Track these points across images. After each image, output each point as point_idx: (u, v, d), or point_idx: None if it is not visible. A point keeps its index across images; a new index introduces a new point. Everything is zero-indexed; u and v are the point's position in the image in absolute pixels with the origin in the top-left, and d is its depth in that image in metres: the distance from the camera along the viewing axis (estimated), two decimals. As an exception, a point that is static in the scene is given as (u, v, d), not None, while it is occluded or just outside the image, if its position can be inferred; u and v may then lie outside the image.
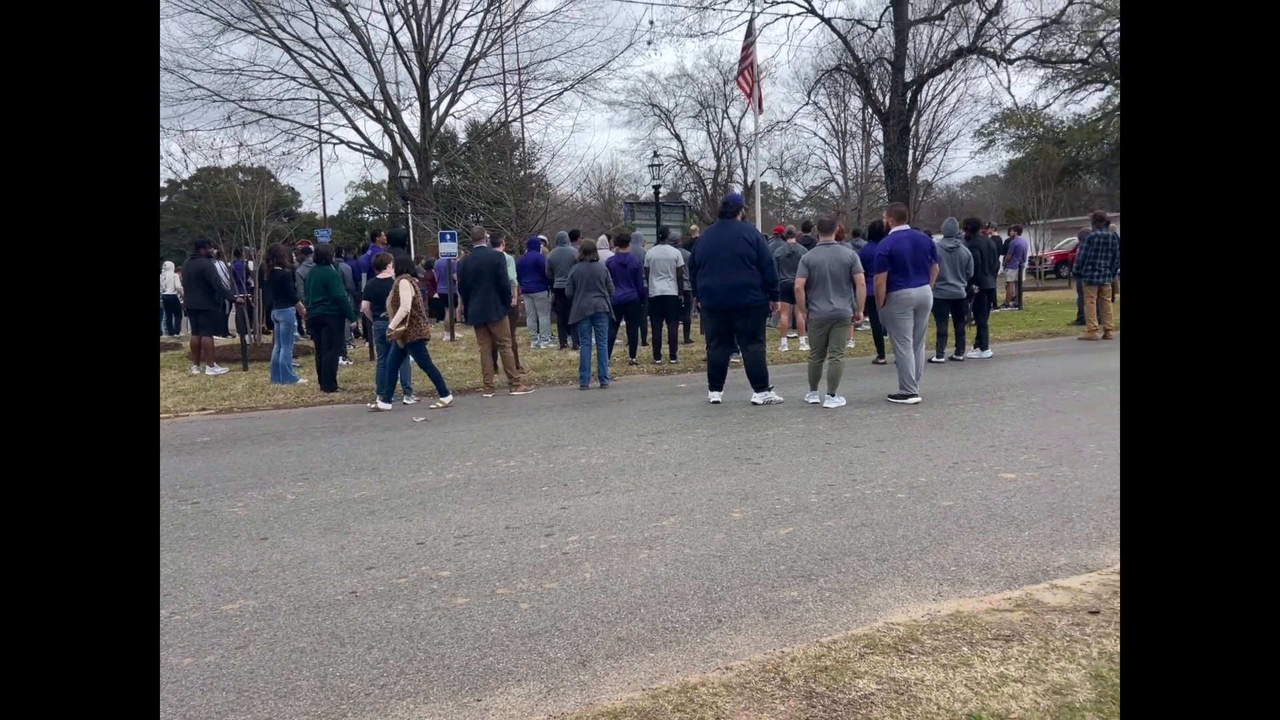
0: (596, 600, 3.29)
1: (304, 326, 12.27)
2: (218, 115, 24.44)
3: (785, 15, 23.94)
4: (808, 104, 29.93)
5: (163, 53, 23.50)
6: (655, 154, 24.26)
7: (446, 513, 4.55)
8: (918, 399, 7.36)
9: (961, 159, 79.93)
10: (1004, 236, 16.65)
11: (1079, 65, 28.27)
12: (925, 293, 7.64)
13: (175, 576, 3.74)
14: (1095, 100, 33.07)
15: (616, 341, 11.37)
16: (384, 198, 43.34)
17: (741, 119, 36.82)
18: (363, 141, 27.15)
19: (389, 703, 2.60)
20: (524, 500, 4.73)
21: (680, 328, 11.72)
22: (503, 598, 3.36)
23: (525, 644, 2.94)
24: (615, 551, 3.83)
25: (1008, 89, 31.13)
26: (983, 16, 23.21)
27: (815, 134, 38.37)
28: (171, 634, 3.14)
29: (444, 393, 8.41)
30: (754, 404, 7.56)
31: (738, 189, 38.73)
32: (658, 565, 3.64)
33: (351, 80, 25.73)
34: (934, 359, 10.05)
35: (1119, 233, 12.84)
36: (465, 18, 26.46)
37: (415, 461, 5.85)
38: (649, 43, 30.40)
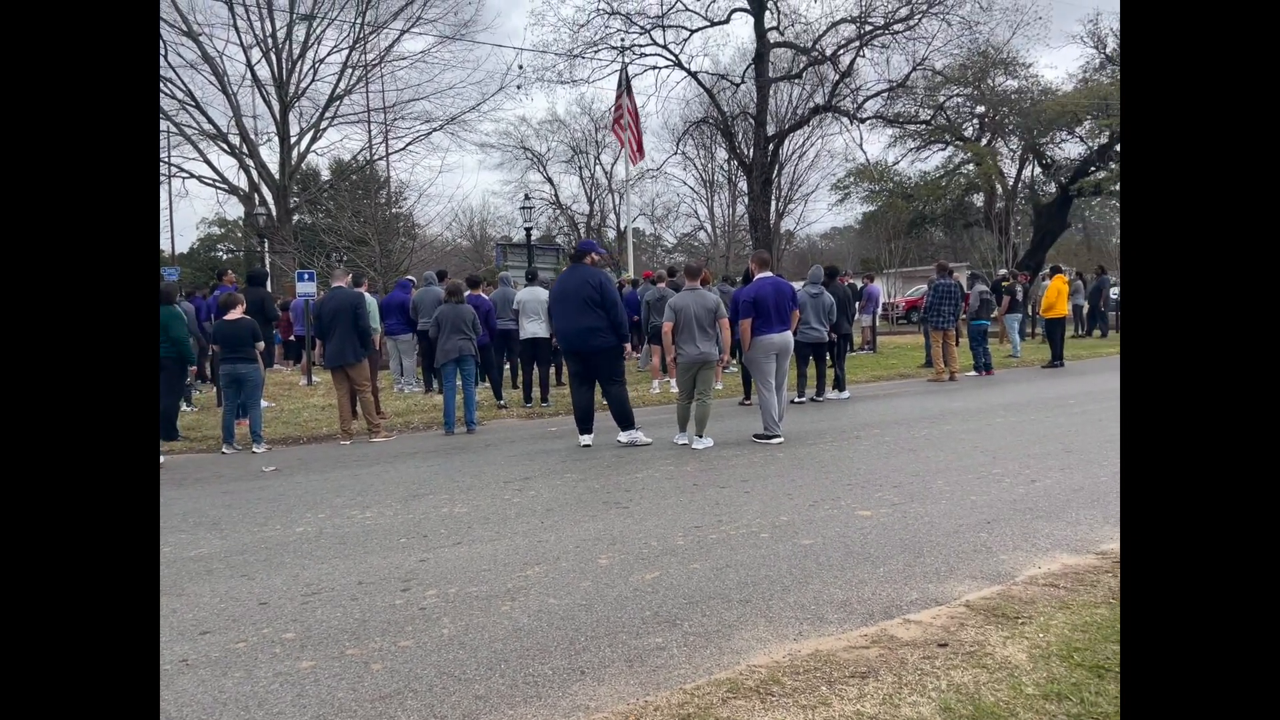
0: (455, 657, 3.14)
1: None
2: (50, 143, 22.54)
3: (654, 67, 24.68)
4: (676, 154, 30.88)
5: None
6: (527, 196, 24.32)
7: (294, 569, 4.26)
8: (780, 439, 7.56)
9: (820, 210, 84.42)
10: (859, 284, 17.58)
11: (922, 126, 30.50)
12: (787, 338, 7.91)
13: (-31, 653, 3.31)
14: (938, 159, 35.71)
15: (483, 384, 11.17)
16: (239, 235, 41.28)
17: (614, 165, 37.53)
18: (216, 176, 25.81)
19: (217, 784, 2.36)
20: (380, 553, 4.50)
21: (551, 370, 11.64)
22: (353, 659, 3.15)
23: (375, 708, 2.76)
24: (476, 604, 3.68)
25: (860, 145, 33.24)
26: (836, 78, 24.72)
27: (685, 182, 39.70)
28: (-41, 721, 2.76)
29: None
30: (619, 443, 7.56)
31: (611, 234, 39.28)
32: (520, 617, 3.52)
33: (204, 112, 24.49)
34: (796, 399, 10.43)
35: (962, 282, 13.80)
36: (329, 54, 25.79)
37: (262, 514, 5.48)
38: (518, 87, 30.53)
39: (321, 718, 2.71)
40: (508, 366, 12.60)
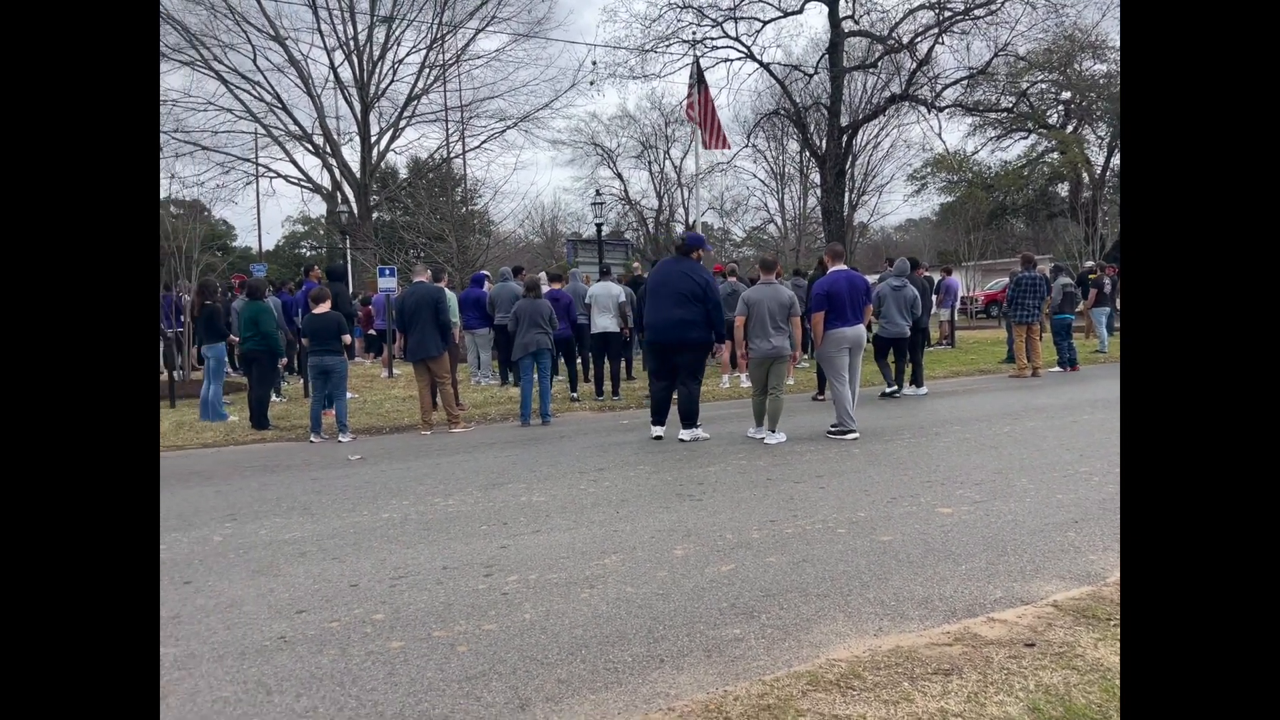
0: (536, 641, 3.22)
1: (235, 362, 11.94)
2: (149, 146, 23.75)
3: (725, 60, 24.54)
4: (747, 146, 30.63)
5: (92, 81, 22.91)
6: (598, 192, 24.50)
7: (382, 553, 4.42)
8: (856, 434, 7.47)
9: (895, 202, 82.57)
10: (936, 277, 17.17)
11: (1004, 114, 29.58)
12: (859, 332, 7.81)
13: (89, 625, 3.54)
14: (1020, 147, 34.59)
15: (558, 378, 11.33)
16: (322, 232, 42.68)
17: (683, 159, 37.45)
18: (301, 176, 26.78)
19: (317, 754, 2.48)
20: (462, 540, 4.63)
21: (622, 364, 11.74)
22: (439, 640, 3.26)
23: (462, 688, 2.85)
24: (556, 591, 3.76)
25: (938, 135, 32.37)
26: (913, 66, 24.15)
27: (755, 175, 39.27)
28: (83, 686, 2.96)
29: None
30: (681, 440, 7.55)
31: (679, 228, 39.24)
32: (599, 604, 3.58)
33: (290, 114, 25.45)
34: (887, 392, 10.27)
35: (1047, 274, 13.36)
36: (408, 54, 26.49)
37: (350, 500, 5.69)
38: (591, 83, 30.75)
39: (412, 696, 2.82)
40: (578, 360, 12.75)
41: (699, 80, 19.52)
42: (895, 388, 10.35)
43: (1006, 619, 3.28)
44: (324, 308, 8.55)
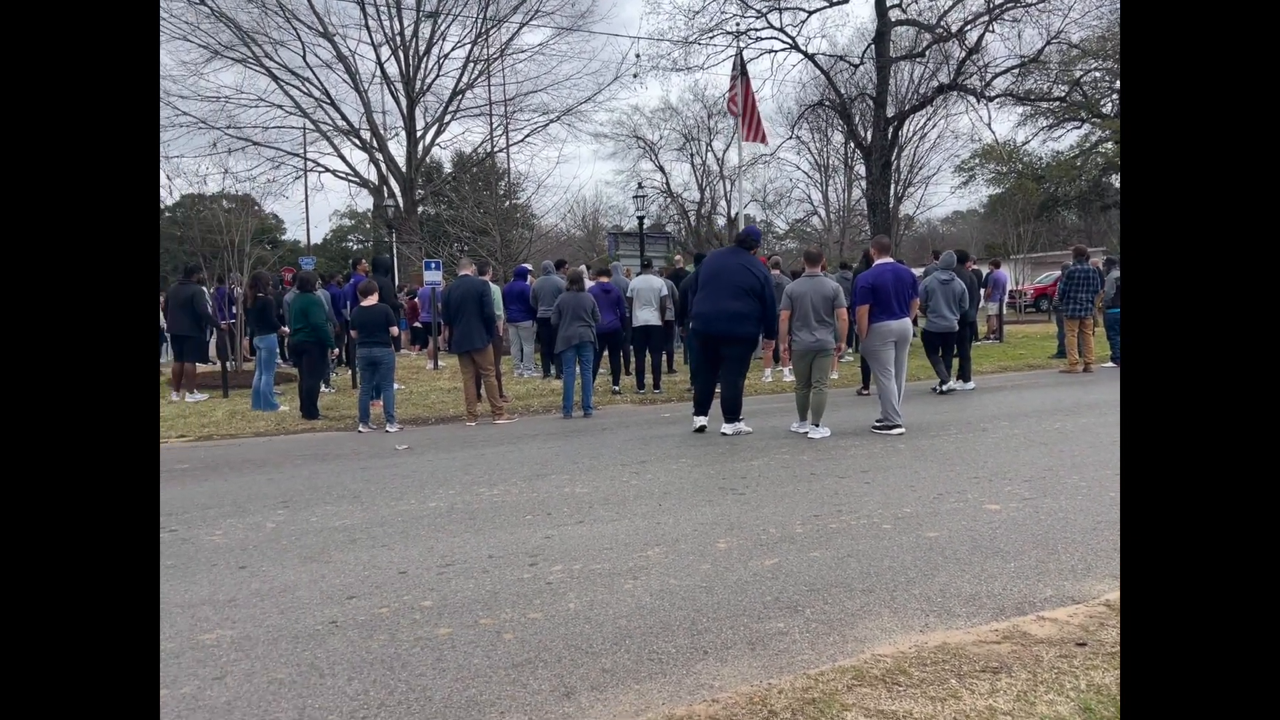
0: (581, 631, 3.25)
1: (286, 353, 12.20)
2: (203, 142, 24.38)
3: (770, 51, 24.33)
4: (791, 138, 30.32)
5: (149, 79, 23.50)
6: (640, 185, 24.49)
7: (429, 541, 4.50)
8: (901, 429, 7.38)
9: (942, 194, 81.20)
10: (984, 270, 16.86)
11: (1057, 103, 28.88)
12: (905, 325, 7.71)
13: (150, 606, 3.67)
14: (1073, 138, 33.78)
15: (600, 371, 11.37)
16: (369, 226, 43.34)
17: (725, 151, 37.26)
18: (348, 170, 27.21)
19: (369, 736, 2.54)
20: (507, 529, 4.69)
21: (664, 357, 11.74)
22: (486, 628, 3.31)
23: (509, 675, 2.90)
24: (600, 581, 3.79)
25: (988, 125, 31.67)
26: (962, 54, 23.69)
27: (798, 167, 38.83)
28: (145, 665, 3.07)
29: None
30: (723, 434, 7.53)
31: (721, 221, 39.07)
32: (643, 595, 3.60)
33: (338, 109, 25.86)
34: (940, 389, 10.08)
35: (1100, 267, 13.04)
36: (453, 49, 26.72)
37: (398, 489, 5.79)
38: (635, 76, 30.71)
39: (460, 682, 2.87)
40: (620, 353, 12.78)
41: (741, 72, 19.40)
42: (948, 385, 10.16)
43: (1057, 618, 3.23)
44: (372, 300, 8.70)
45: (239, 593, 3.81)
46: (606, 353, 10.92)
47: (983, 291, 15.52)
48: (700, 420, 7.73)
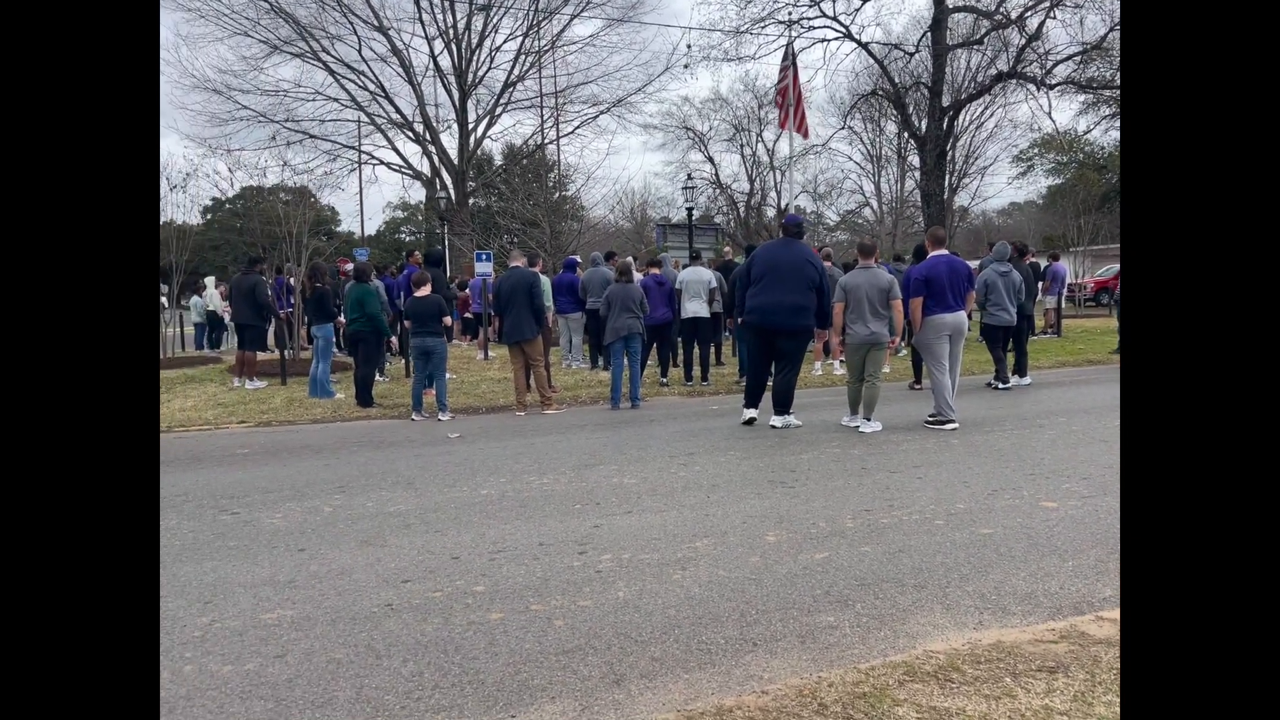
0: (630, 619, 3.28)
1: (341, 342, 12.47)
2: (263, 135, 24.96)
3: (822, 40, 23.99)
4: (843, 128, 29.90)
5: (212, 74, 24.18)
6: (689, 176, 24.37)
7: (481, 528, 4.57)
8: (955, 424, 7.26)
9: (999, 184, 79.15)
10: (1042, 263, 16.45)
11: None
12: (960, 318, 7.57)
13: (216, 585, 3.80)
14: (1136, 127, 32.59)
15: (648, 363, 11.39)
16: (421, 218, 43.99)
17: (776, 143, 36.90)
18: (401, 162, 27.62)
19: (424, 715, 2.60)
20: (557, 518, 4.74)
21: (712, 350, 11.71)
22: (537, 614, 3.36)
23: (559, 661, 2.94)
24: (649, 571, 3.81)
25: (1048, 114, 30.71)
26: (1023, 42, 23.07)
27: (850, 158, 38.26)
28: (211, 642, 3.18)
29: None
30: (773, 427, 7.49)
31: (770, 212, 38.73)
32: (692, 586, 3.61)
33: (392, 102, 26.23)
34: (1001, 385, 9.88)
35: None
36: (504, 41, 26.90)
37: (450, 477, 5.89)
38: (685, 66, 30.61)
39: (511, 666, 2.92)
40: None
41: (791, 62, 19.21)
42: (1006, 382, 9.94)
43: (1117, 618, 3.15)
44: (425, 291, 8.83)
45: (298, 574, 3.92)
46: (656, 344, 10.92)
47: (1040, 285, 15.15)
48: (750, 412, 7.68)
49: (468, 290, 16.33)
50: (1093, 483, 5.21)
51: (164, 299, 15.75)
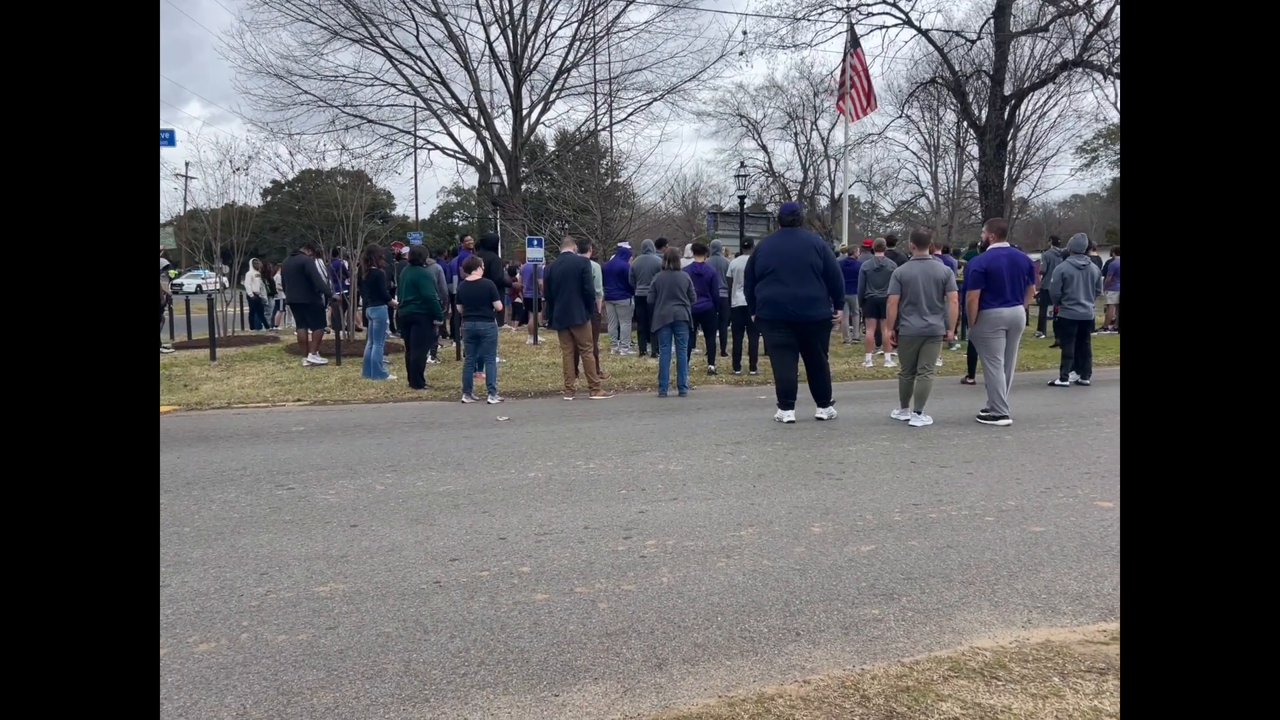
0: (673, 605, 3.30)
1: (395, 324, 12.69)
2: (322, 120, 25.45)
3: (881, 27, 23.57)
4: (900, 117, 29.35)
5: (274, 59, 24.71)
6: (742, 164, 24.19)
7: (528, 510, 4.63)
8: (1009, 420, 7.12)
9: (1061, 176, 77.10)
10: (1104, 257, 15.98)
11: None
12: (1018, 313, 7.41)
13: (272, 557, 3.92)
14: (1209, 117, 31.38)
15: (695, 350, 11.38)
16: (474, 203, 44.44)
17: (830, 130, 36.39)
18: (456, 148, 27.92)
19: (469, 691, 2.66)
20: (603, 502, 4.77)
21: (760, 339, 11.64)
22: (581, 596, 3.40)
23: (602, 643, 2.97)
24: (693, 558, 3.83)
25: (1114, 104, 29.63)
26: (1090, 29, 22.34)
27: (906, 148, 37.54)
28: (267, 612, 3.29)
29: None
30: (819, 419, 7.41)
31: (824, 201, 38.26)
32: (735, 574, 3.62)
33: (448, 87, 26.50)
34: (1081, 381, 9.68)
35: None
36: (560, 28, 26.97)
37: (499, 459, 5.98)
38: (741, 54, 30.36)
39: (555, 646, 2.96)
40: (717, 334, 12.74)
41: (853, 44, 18.92)
42: (1065, 379, 9.72)
43: (1172, 623, 3.08)
44: (477, 275, 8.94)
45: (350, 549, 4.02)
46: (701, 332, 10.90)
47: (1103, 280, 14.72)
48: (788, 415, 7.38)
49: (519, 275, 16.46)
50: (1151, 484, 5.07)
51: (224, 279, 16.16)
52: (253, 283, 18.06)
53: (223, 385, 9.69)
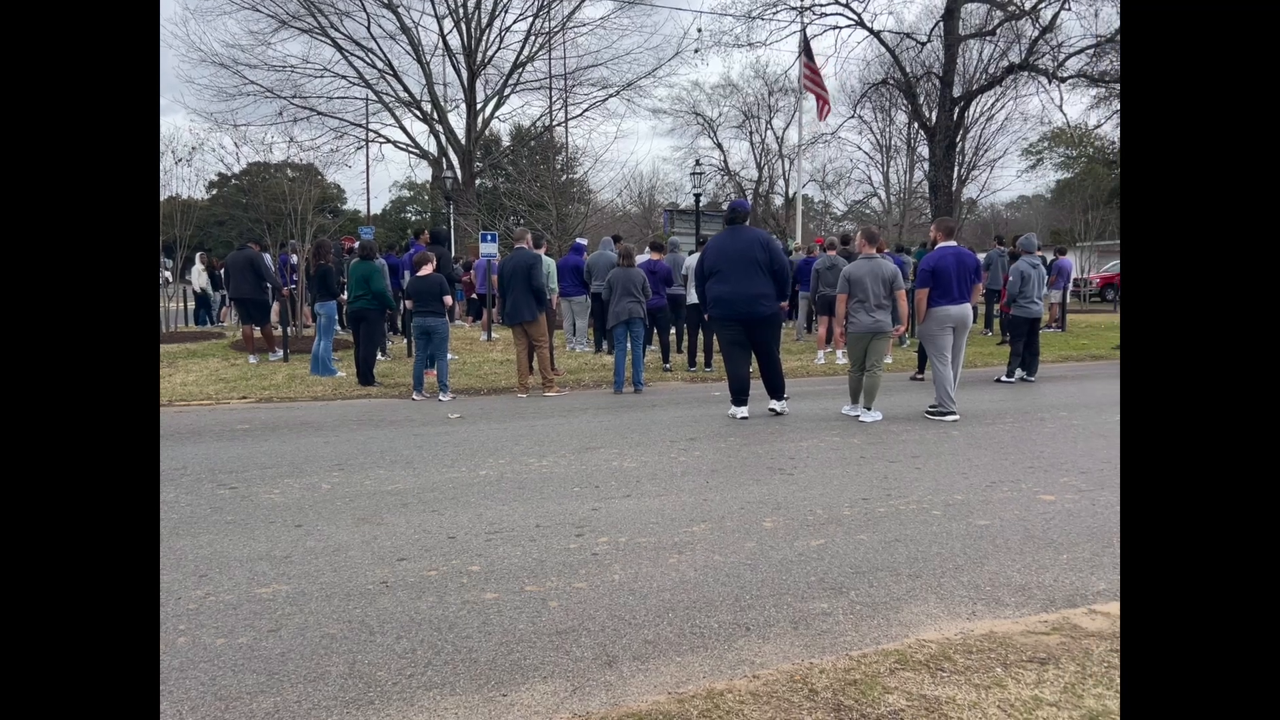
0: (625, 602, 3.29)
1: (344, 320, 12.46)
2: (270, 111, 24.98)
3: (834, 28, 23.85)
4: (852, 117, 29.73)
5: (220, 48, 24.13)
6: (698, 162, 24.26)
7: (478, 508, 4.58)
8: (956, 416, 7.25)
9: (1008, 177, 78.85)
10: (1049, 257, 16.37)
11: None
12: (965, 311, 7.54)
13: (212, 559, 3.81)
14: (1148, 122, 32.39)
15: (650, 347, 11.38)
16: (427, 198, 43.89)
17: (785, 130, 36.74)
18: (409, 141, 27.55)
19: (415, 692, 2.61)
20: (555, 500, 4.74)
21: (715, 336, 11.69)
22: (531, 595, 3.36)
23: (552, 641, 2.95)
24: (645, 554, 3.82)
25: (1059, 107, 30.45)
26: (1036, 33, 22.89)
27: (859, 148, 38.09)
28: (206, 615, 3.19)
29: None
30: (773, 411, 7.47)
31: (779, 200, 38.61)
32: (687, 570, 3.62)
33: (400, 80, 26.14)
34: (1024, 378, 9.89)
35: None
36: (514, 22, 26.83)
37: (449, 457, 5.90)
38: (696, 51, 30.48)
39: (505, 645, 2.92)
40: (672, 330, 12.77)
41: (805, 48, 19.09)
42: (1012, 375, 9.94)
43: (1109, 612, 3.16)
44: (428, 270, 8.82)
45: (294, 550, 3.93)
46: (655, 330, 10.90)
47: (1046, 279, 15.09)
48: (742, 411, 7.42)
49: (472, 271, 16.30)
50: (1091, 477, 5.20)
51: (167, 274, 15.70)
52: (199, 277, 17.57)
53: (165, 383, 9.42)
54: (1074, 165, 33.73)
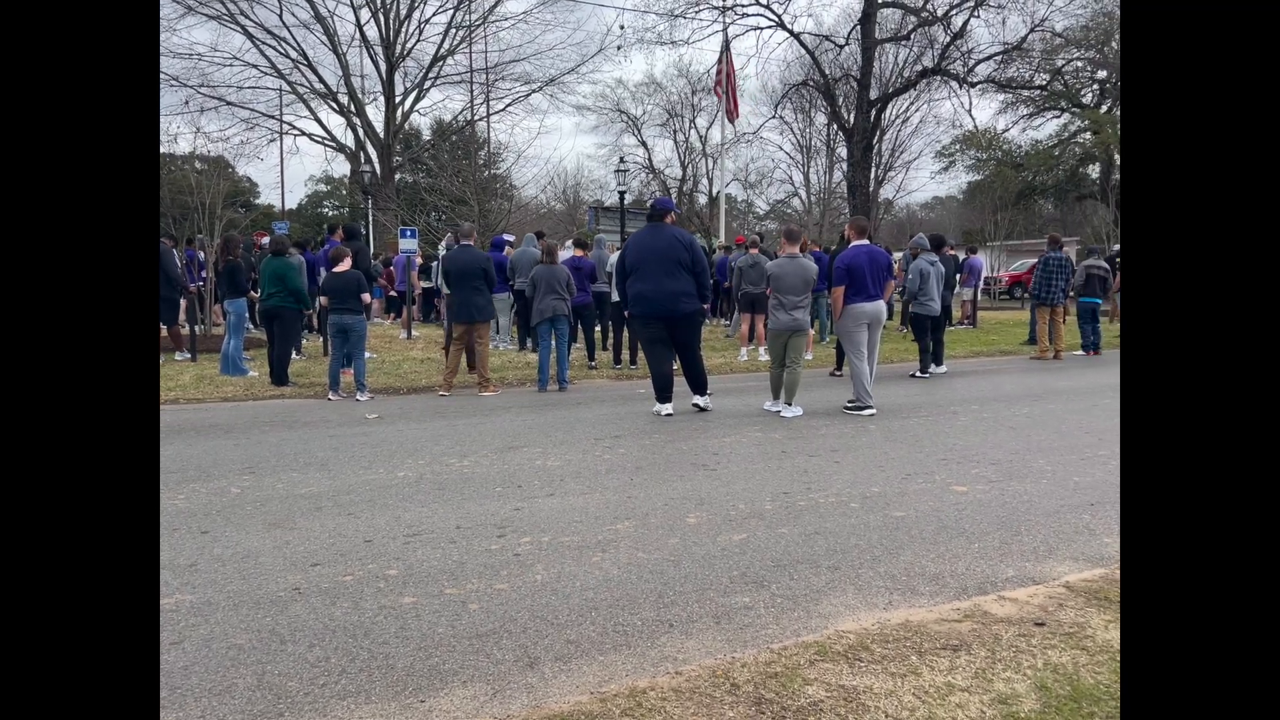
0: (547, 602, 3.25)
1: (255, 318, 12.01)
2: (174, 100, 23.79)
3: (755, 28, 24.17)
4: (774, 117, 30.22)
5: (120, 33, 22.92)
6: (622, 160, 24.26)
7: (396, 511, 4.46)
8: (873, 410, 7.43)
9: (922, 179, 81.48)
10: (960, 256, 16.98)
11: (1038, 91, 28.98)
12: (879, 307, 7.73)
13: (109, 569, 3.60)
14: (1052, 126, 33.95)
15: (576, 345, 11.32)
16: (345, 192, 42.72)
17: (709, 129, 37.07)
18: (325, 134, 26.76)
19: (328, 702, 2.52)
20: (477, 500, 4.66)
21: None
22: (451, 598, 3.29)
23: (472, 645, 2.89)
24: (568, 554, 3.78)
25: (969, 111, 31.62)
26: (947, 39, 23.69)
27: (780, 148, 38.74)
28: (102, 628, 3.02)
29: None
30: (696, 407, 7.53)
31: (702, 199, 38.95)
32: (610, 568, 3.60)
33: (315, 71, 25.38)
34: (919, 374, 10.14)
35: (1071, 257, 13.18)
36: (434, 14, 26.30)
37: (366, 458, 5.74)
38: (619, 48, 30.43)
39: (423, 650, 2.85)
40: (598, 328, 12.73)
41: (725, 48, 19.30)
42: (926, 371, 10.24)
43: (1018, 598, 3.27)
44: (344, 266, 8.57)
45: (200, 558, 3.75)
46: (580, 327, 10.85)
47: (959, 277, 15.63)
48: (666, 408, 7.40)
49: (391, 267, 15.93)
50: (1001, 468, 5.40)
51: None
52: None
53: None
54: (984, 168, 35.02)
